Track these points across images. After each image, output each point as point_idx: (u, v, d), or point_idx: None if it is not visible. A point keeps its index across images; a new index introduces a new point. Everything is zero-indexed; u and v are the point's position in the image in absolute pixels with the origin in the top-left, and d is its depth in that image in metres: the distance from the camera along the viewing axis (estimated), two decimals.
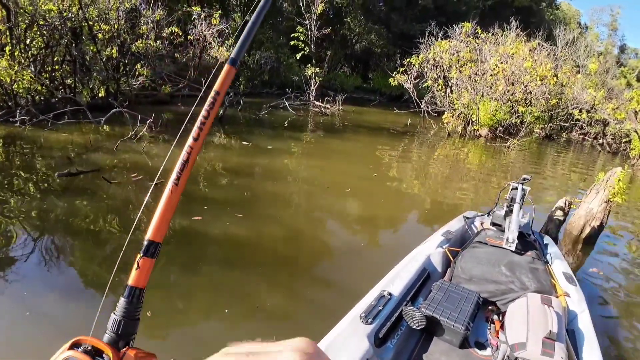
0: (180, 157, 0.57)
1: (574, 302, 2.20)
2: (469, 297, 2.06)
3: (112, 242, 3.31)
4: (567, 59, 17.26)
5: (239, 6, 20.43)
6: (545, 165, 9.90)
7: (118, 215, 3.78)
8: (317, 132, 10.28)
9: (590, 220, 4.13)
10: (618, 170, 4.16)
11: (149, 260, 0.53)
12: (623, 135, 13.75)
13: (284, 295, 2.89)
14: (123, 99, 9.26)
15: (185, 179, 0.56)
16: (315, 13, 14.26)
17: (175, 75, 12.85)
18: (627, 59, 30.29)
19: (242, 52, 0.69)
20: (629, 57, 31.57)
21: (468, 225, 3.15)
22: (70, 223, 3.54)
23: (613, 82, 20.94)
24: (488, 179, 7.42)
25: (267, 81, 17.97)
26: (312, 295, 2.92)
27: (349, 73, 23.42)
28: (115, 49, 9.40)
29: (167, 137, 7.11)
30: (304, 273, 3.24)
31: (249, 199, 4.70)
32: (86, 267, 2.96)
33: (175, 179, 0.56)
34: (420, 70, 12.94)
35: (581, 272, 3.74)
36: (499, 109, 12.03)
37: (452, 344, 1.94)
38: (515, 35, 14.03)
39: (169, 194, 0.56)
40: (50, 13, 7.97)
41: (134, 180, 4.65)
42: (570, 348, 1.79)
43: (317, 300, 2.84)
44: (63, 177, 4.40)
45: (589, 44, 23.49)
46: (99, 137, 6.54)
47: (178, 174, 0.56)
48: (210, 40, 13.16)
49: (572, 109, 14.82)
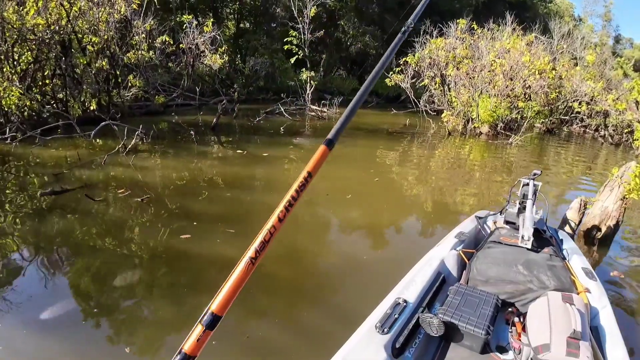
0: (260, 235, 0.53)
1: (595, 298, 2.10)
2: (487, 300, 1.97)
3: (92, 269, 3.10)
4: (564, 52, 17.08)
5: (232, 14, 20.35)
6: (548, 160, 9.71)
7: (100, 237, 3.57)
8: (314, 137, 10.10)
9: (605, 220, 3.91)
10: (633, 165, 3.93)
11: (208, 334, 0.51)
12: (625, 126, 13.56)
13: (279, 323, 2.58)
14: (116, 111, 9.08)
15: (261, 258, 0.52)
16: (308, 17, 14.10)
17: (169, 85, 12.69)
18: (623, 49, 30.17)
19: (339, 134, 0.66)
20: (624, 47, 31.43)
21: (481, 225, 3.04)
22: (48, 246, 3.34)
23: (611, 73, 20.78)
24: (492, 177, 7.21)
25: (262, 87, 17.83)
26: (311, 322, 2.63)
27: (345, 76, 23.29)
28: (105, 61, 9.24)
29: (159, 149, 6.93)
30: (302, 295, 2.98)
31: (243, 212, 4.48)
32: (61, 297, 2.74)
33: (252, 257, 0.52)
34: (417, 69, 12.77)
35: (599, 274, 3.52)
36: (499, 105, 11.84)
37: (472, 349, 1.84)
38: (511, 29, 13.86)
39: (242, 271, 0.52)
40: (38, 27, 7.81)
41: (121, 195, 4.45)
42: (595, 346, 1.70)
43: (316, 328, 2.56)
44: (47, 196, 4.20)
45: (585, 36, 23.34)
46: (89, 152, 6.34)
47: (256, 253, 0.52)
48: (203, 48, 13.03)
49: (571, 101, 14.63)
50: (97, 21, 8.91)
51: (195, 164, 6.28)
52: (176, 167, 5.98)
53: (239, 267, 0.52)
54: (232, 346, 2.27)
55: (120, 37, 10.05)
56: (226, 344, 2.24)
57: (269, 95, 17.02)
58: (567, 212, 4.05)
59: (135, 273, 3.02)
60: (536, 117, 13.82)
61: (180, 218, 4.04)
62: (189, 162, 6.36)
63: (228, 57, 14.77)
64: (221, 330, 2.23)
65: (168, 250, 3.40)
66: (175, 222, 3.91)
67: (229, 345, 2.26)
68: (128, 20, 10.28)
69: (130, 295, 2.75)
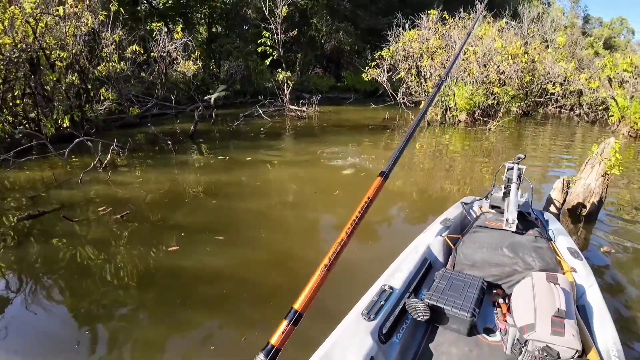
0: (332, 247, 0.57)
1: (582, 277, 2.13)
2: (472, 283, 2.01)
3: (74, 292, 2.99)
4: (534, 36, 17.37)
5: (202, 19, 20.08)
6: (527, 143, 9.88)
7: (82, 258, 3.45)
8: (296, 137, 10.04)
9: (589, 197, 3.98)
10: (612, 141, 4.00)
11: (292, 327, 0.54)
12: (599, 103, 13.89)
13: (273, 323, 2.59)
14: (90, 127, 8.85)
15: (334, 265, 0.53)
16: (280, 16, 13.99)
17: (143, 95, 12.44)
18: (592, 29, 30.80)
19: (393, 167, 0.70)
20: (593, 26, 32.09)
21: (467, 211, 3.07)
22: (27, 271, 3.22)
23: (582, 53, 21.22)
24: (473, 163, 7.30)
25: (239, 90, 17.65)
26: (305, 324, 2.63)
27: (322, 74, 23.25)
28: (75, 76, 8.98)
29: (137, 162, 6.77)
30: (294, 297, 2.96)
31: (230, 219, 4.39)
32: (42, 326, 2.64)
33: (327, 264, 0.55)
34: (392, 62, 12.82)
35: (586, 252, 3.57)
36: (475, 92, 11.97)
37: (459, 332, 1.87)
38: (482, 17, 14.01)
39: (320, 275, 0.55)
40: (5, 47, 7.54)
41: (102, 213, 4.32)
42: (582, 324, 1.72)
43: (309, 329, 2.55)
44: (24, 221, 4.05)
45: (554, 19, 23.79)
46: (65, 171, 6.15)
47: (329, 260, 0.54)
48: (175, 55, 12.82)
49: (545, 83, 14.91)
50: (64, 36, 8.66)
51: (175, 174, 6.15)
52: (156, 179, 5.86)
53: (317, 273, 0.57)
54: (230, 347, 2.31)
55: (89, 50, 9.79)
56: (225, 346, 2.28)
57: (247, 98, 16.88)
58: (551, 192, 4.10)
59: (120, 292, 2.93)
60: (512, 102, 14.02)
61: (165, 230, 3.94)
62: (169, 172, 6.23)
63: (202, 63, 14.57)
64: (221, 331, 2.17)
65: (155, 264, 3.31)
66: (160, 235, 3.81)
67: (226, 347, 2.30)
68: (96, 32, 10.02)
69: (117, 315, 2.66)
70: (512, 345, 1.74)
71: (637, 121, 10.74)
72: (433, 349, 1.81)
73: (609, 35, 29.28)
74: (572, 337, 1.56)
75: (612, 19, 32.19)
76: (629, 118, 11.07)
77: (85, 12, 9.12)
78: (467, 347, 1.82)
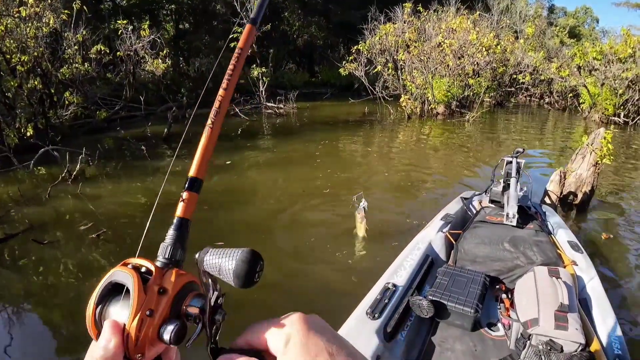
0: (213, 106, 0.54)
1: (583, 269, 2.16)
2: (475, 279, 2.03)
3: (47, 323, 2.74)
4: (503, 27, 17.61)
5: (169, 15, 19.40)
6: (500, 131, 10.06)
7: (53, 286, 3.17)
8: (275, 136, 9.80)
9: (581, 186, 4.03)
10: (602, 131, 4.06)
11: (194, 195, 0.52)
12: (569, 91, 14.22)
13: None
14: (55, 134, 8.33)
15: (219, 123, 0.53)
16: (251, 11, 13.62)
17: (110, 98, 11.86)
18: (557, 19, 31.61)
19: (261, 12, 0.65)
20: (558, 16, 32.95)
21: (467, 206, 3.09)
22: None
23: (550, 43, 21.73)
24: (454, 153, 7.37)
25: (212, 89, 17.11)
26: None
27: (295, 69, 22.95)
28: (37, 80, 8.42)
29: (109, 171, 6.39)
30: (293, 295, 2.83)
31: (212, 230, 4.15)
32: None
33: (210, 124, 0.54)
34: (368, 56, 12.71)
35: (585, 240, 3.60)
36: (452, 85, 12.03)
37: (463, 328, 1.89)
38: (456, 10, 14.06)
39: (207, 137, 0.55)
40: None
41: (82, 229, 4.00)
42: (584, 317, 1.74)
43: None
44: None
45: (521, 10, 24.27)
46: (32, 184, 5.72)
47: (212, 120, 0.54)
48: (142, 54, 12.28)
49: (516, 74, 15.19)
50: (25, 38, 8.10)
51: (150, 182, 5.84)
52: (130, 189, 5.53)
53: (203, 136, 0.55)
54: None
55: (51, 52, 9.23)
56: None
57: None
58: (548, 185, 4.13)
59: None
60: (486, 92, 14.23)
61: (145, 245, 3.67)
62: (144, 180, 5.91)
63: (171, 61, 14.03)
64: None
65: None
66: (141, 251, 3.55)
67: None
68: (58, 33, 9.45)
69: None
70: (516, 339, 1.76)
71: (608, 107, 11.04)
72: (438, 345, 1.83)
73: (574, 24, 30.12)
74: (576, 331, 1.58)
75: (576, 8, 33.18)
76: (600, 104, 11.36)
77: (46, 11, 8.55)
78: (472, 342, 1.84)
